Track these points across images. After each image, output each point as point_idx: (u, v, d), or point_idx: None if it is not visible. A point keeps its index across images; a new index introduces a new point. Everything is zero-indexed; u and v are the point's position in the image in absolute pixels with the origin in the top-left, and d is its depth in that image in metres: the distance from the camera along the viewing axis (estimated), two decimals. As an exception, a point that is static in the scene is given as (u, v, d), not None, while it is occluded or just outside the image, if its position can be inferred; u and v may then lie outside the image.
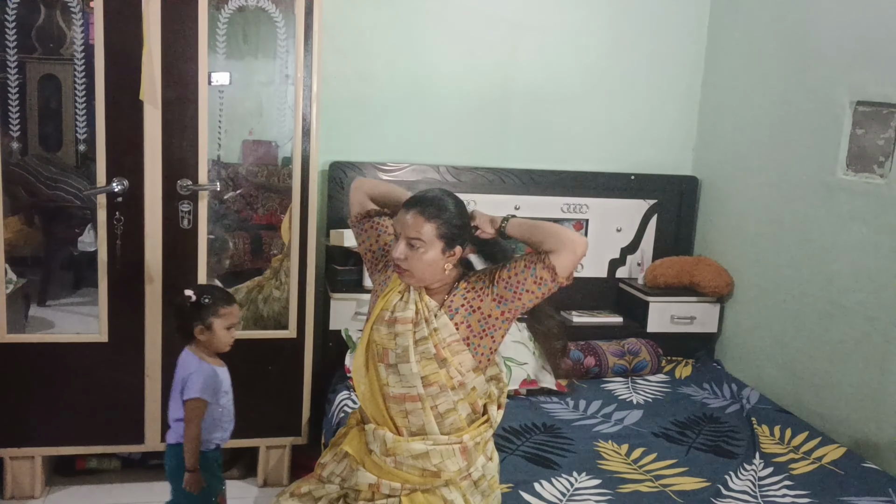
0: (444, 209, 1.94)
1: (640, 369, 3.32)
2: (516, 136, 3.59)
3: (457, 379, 1.92)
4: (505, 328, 1.96)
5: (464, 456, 1.92)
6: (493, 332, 1.95)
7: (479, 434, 1.96)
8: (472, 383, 1.95)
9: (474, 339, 1.94)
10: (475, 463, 1.96)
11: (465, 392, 1.94)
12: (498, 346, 1.99)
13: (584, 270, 3.64)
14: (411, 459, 1.91)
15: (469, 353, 1.93)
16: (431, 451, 1.90)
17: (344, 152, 3.39)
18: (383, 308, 1.97)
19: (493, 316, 1.93)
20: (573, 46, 3.59)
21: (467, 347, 1.93)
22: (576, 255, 1.88)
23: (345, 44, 3.35)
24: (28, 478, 2.96)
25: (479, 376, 1.96)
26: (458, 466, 1.91)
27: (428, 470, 1.90)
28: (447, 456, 1.90)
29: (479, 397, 1.98)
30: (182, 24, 2.79)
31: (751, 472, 2.51)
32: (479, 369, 1.96)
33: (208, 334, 2.33)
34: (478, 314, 1.94)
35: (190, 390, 2.32)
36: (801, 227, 3.07)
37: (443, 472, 1.90)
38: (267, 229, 3.20)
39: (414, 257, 1.90)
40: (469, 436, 1.93)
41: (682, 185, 3.72)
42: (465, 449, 1.92)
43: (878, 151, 2.75)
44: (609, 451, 2.61)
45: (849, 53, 2.86)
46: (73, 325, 3.03)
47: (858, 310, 2.78)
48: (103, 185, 2.81)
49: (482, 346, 1.95)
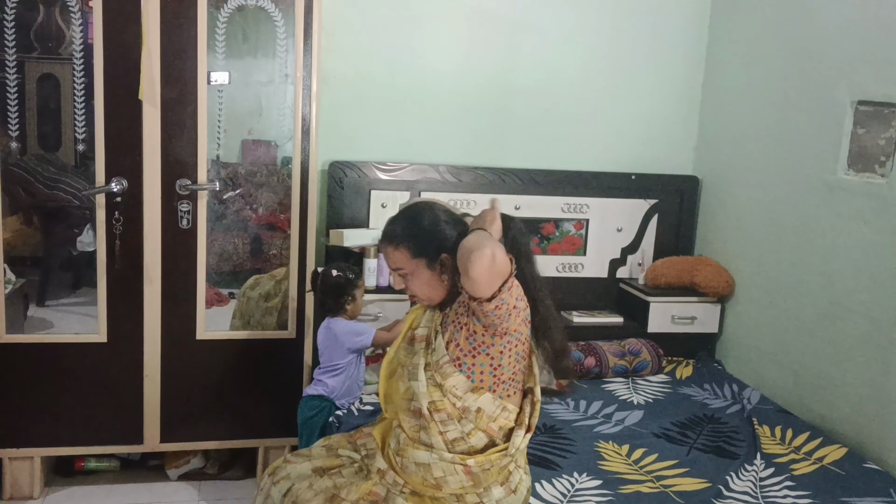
0: (408, 227, 1.89)
1: (641, 370, 3.31)
2: (516, 136, 3.59)
3: (459, 405, 1.82)
4: (501, 344, 1.80)
5: (468, 477, 1.85)
6: (486, 350, 1.80)
7: (489, 461, 1.84)
8: (475, 405, 1.83)
9: (465, 358, 1.82)
10: (487, 487, 1.87)
11: (471, 420, 1.83)
12: (507, 364, 1.83)
13: (584, 270, 3.64)
14: (414, 466, 1.88)
15: (462, 375, 1.82)
16: (434, 464, 1.85)
17: (344, 152, 3.38)
18: (409, 326, 2.00)
19: (479, 332, 1.79)
20: (573, 46, 3.58)
21: (459, 369, 1.82)
22: (470, 277, 1.66)
23: (345, 43, 3.34)
24: (27, 478, 2.96)
25: (480, 396, 1.83)
26: (461, 484, 1.85)
27: (428, 480, 1.87)
28: (449, 472, 1.85)
29: (492, 419, 1.85)
30: (181, 24, 2.79)
31: (752, 473, 2.50)
32: (480, 389, 1.83)
33: (353, 304, 2.81)
34: (465, 331, 1.82)
35: (364, 338, 2.77)
36: (801, 227, 3.07)
37: (443, 486, 1.86)
38: (266, 229, 3.20)
39: (409, 284, 1.92)
40: (475, 461, 1.83)
41: (683, 184, 3.72)
42: (470, 472, 1.84)
43: (878, 151, 2.75)
44: (610, 452, 2.61)
45: (849, 53, 2.85)
46: (73, 325, 3.02)
47: (859, 310, 2.77)
48: (102, 184, 2.81)
49: (478, 365, 1.82)
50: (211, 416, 3.07)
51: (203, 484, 3.16)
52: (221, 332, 3.05)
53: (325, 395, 2.79)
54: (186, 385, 3.01)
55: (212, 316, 3.04)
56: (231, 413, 3.09)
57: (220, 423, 3.09)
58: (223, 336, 3.05)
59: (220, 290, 3.17)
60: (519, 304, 1.77)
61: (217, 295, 3.15)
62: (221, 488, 3.14)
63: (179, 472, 3.18)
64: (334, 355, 2.80)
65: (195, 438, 3.08)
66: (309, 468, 2.06)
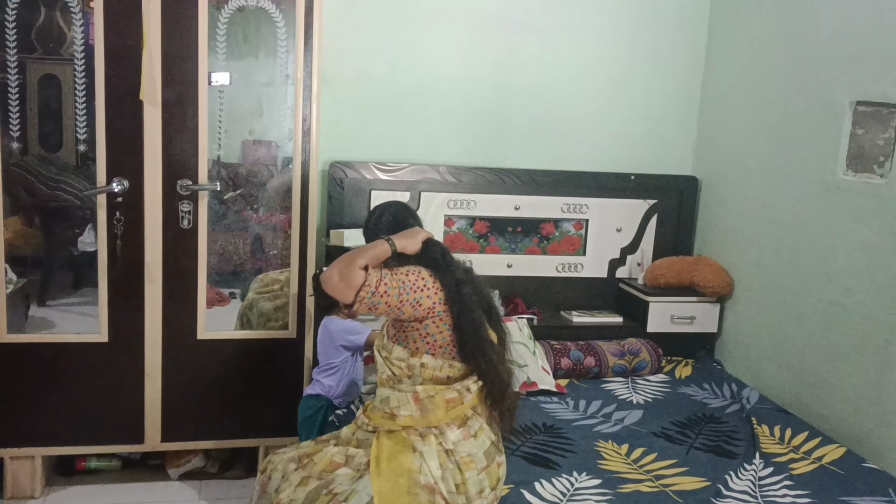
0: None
1: (640, 369, 3.32)
2: (516, 136, 3.60)
3: (404, 366, 2.15)
4: (423, 325, 2.13)
5: (417, 405, 2.11)
6: (412, 326, 2.14)
7: (434, 389, 2.11)
8: (418, 363, 2.13)
9: (399, 334, 2.17)
10: (441, 429, 2.09)
11: (418, 374, 2.14)
12: (437, 333, 2.13)
13: (584, 270, 3.65)
14: (379, 402, 2.20)
15: (400, 346, 2.16)
16: (391, 395, 2.16)
17: (344, 152, 3.39)
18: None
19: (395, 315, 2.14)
20: (573, 46, 3.59)
21: (396, 343, 2.17)
22: (331, 293, 2.08)
23: (345, 44, 3.35)
24: (28, 478, 2.96)
25: (421, 357, 2.13)
26: (410, 413, 2.11)
27: (386, 412, 2.15)
28: (402, 402, 2.12)
29: (437, 369, 2.13)
30: (182, 24, 2.79)
31: (751, 472, 2.51)
32: (418, 352, 2.13)
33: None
34: (390, 318, 2.19)
35: (358, 337, 2.81)
36: (801, 227, 3.07)
37: (396, 416, 2.12)
38: (267, 229, 3.20)
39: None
40: (422, 388, 2.12)
41: (682, 185, 3.72)
42: (418, 399, 2.11)
43: (877, 151, 2.75)
44: (609, 451, 2.61)
45: (849, 53, 2.86)
46: (73, 325, 3.03)
47: (858, 310, 2.78)
48: (103, 185, 2.81)
49: (409, 338, 2.14)
50: (212, 415, 3.08)
51: (204, 483, 3.17)
52: (222, 332, 3.06)
53: (323, 394, 2.81)
54: (187, 385, 3.02)
55: (212, 316, 3.05)
56: (232, 413, 3.10)
57: (221, 422, 3.10)
58: (224, 336, 3.05)
59: (220, 290, 3.18)
60: (391, 300, 2.06)
61: (218, 295, 3.16)
62: (222, 488, 3.14)
63: (180, 471, 3.19)
64: (329, 354, 2.82)
65: (196, 438, 3.09)
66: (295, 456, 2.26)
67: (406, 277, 2.10)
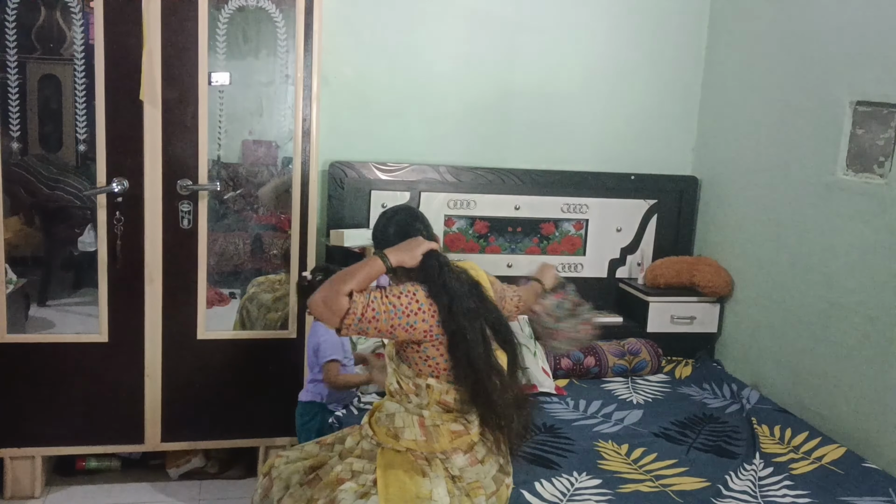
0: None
1: (640, 369, 3.32)
2: (516, 136, 3.59)
3: (411, 384, 2.06)
4: (421, 343, 2.01)
5: (422, 430, 2.04)
6: (411, 348, 2.03)
7: (440, 418, 2.04)
8: (424, 383, 2.04)
9: (403, 353, 2.07)
10: (447, 454, 2.03)
11: (424, 395, 2.04)
12: (437, 356, 2.01)
13: (584, 270, 3.65)
14: (384, 417, 2.12)
15: (405, 365, 2.06)
16: (397, 413, 2.09)
17: (344, 152, 3.39)
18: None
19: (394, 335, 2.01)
20: (573, 46, 3.59)
21: (402, 361, 2.07)
22: (317, 318, 1.99)
23: (345, 44, 3.35)
24: (28, 477, 2.96)
25: (426, 379, 2.03)
26: (415, 437, 2.05)
27: (390, 430, 2.08)
28: (407, 424, 2.06)
29: (444, 392, 2.04)
30: (182, 24, 2.79)
31: (751, 472, 2.51)
32: (422, 375, 2.04)
33: None
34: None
35: (325, 354, 2.69)
36: (801, 227, 3.07)
37: (400, 437, 2.06)
38: (267, 229, 3.20)
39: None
40: (428, 414, 2.05)
41: (682, 185, 3.72)
42: (423, 425, 2.05)
43: (877, 151, 2.75)
44: (609, 451, 2.61)
45: (849, 53, 2.86)
46: (74, 325, 3.03)
47: (858, 310, 2.78)
48: (103, 185, 2.81)
49: (412, 359, 2.04)
50: (211, 415, 3.08)
51: (204, 483, 3.17)
52: (222, 332, 3.06)
53: (316, 400, 2.76)
54: (187, 385, 3.02)
55: (212, 316, 3.05)
56: (231, 413, 3.10)
57: (221, 422, 3.10)
58: (224, 336, 3.06)
59: (220, 290, 3.18)
60: (380, 325, 1.95)
61: (218, 295, 3.16)
62: (222, 488, 3.15)
63: (180, 471, 3.19)
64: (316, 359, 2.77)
65: (196, 438, 3.09)
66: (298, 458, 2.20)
67: (398, 300, 1.96)
